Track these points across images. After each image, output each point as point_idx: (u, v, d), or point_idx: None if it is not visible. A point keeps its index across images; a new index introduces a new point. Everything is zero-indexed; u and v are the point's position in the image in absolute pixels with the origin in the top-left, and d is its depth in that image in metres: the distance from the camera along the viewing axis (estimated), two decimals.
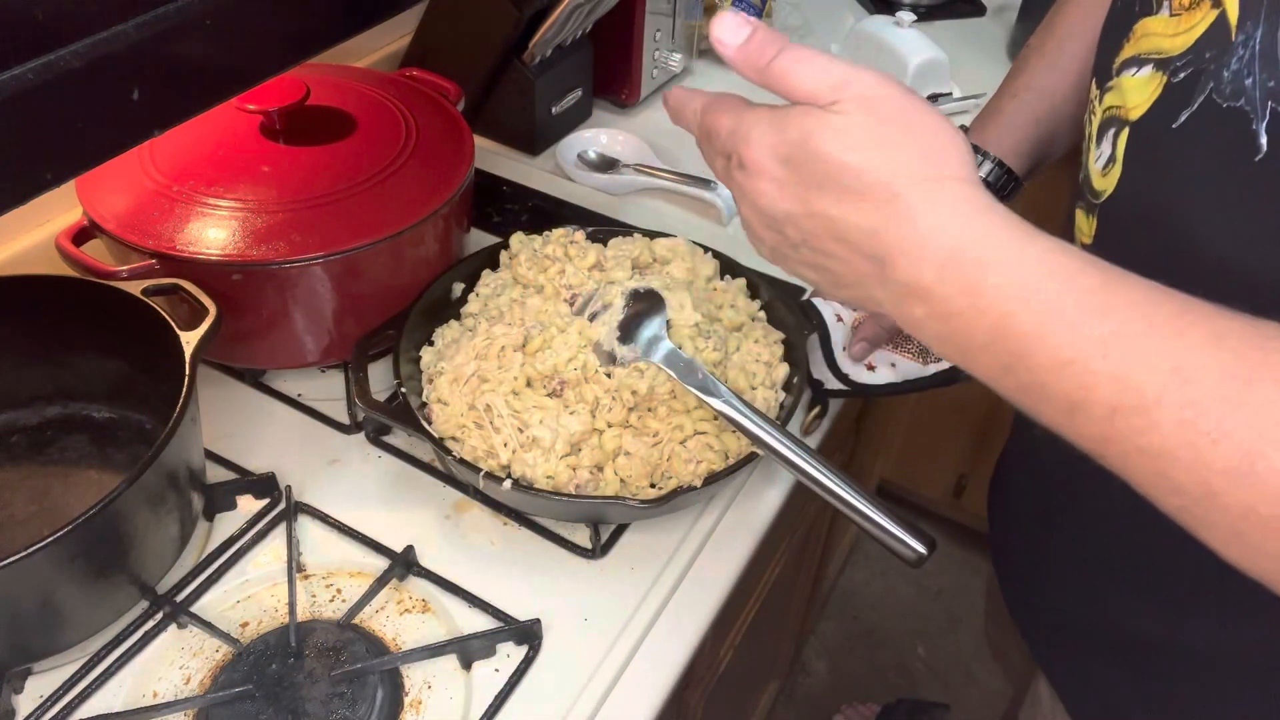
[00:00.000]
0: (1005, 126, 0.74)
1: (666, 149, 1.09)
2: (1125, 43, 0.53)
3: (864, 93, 0.42)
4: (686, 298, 0.73)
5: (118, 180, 0.74)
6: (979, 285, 0.39)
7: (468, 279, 0.81)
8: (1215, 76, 0.46)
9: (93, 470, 0.71)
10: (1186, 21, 0.48)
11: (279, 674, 0.61)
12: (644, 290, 0.68)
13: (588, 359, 0.69)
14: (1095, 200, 0.56)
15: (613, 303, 0.69)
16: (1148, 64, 0.51)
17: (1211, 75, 0.46)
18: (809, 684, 1.71)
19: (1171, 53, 0.49)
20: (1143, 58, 0.51)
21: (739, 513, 0.73)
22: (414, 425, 0.68)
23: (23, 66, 0.39)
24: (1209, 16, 0.46)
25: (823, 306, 0.81)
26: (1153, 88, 0.50)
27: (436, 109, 0.86)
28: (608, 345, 0.67)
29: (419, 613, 0.66)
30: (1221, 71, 0.45)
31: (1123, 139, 0.53)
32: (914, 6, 1.39)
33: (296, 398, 0.81)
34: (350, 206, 0.74)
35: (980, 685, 1.70)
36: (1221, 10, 0.45)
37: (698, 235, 0.85)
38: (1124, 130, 0.53)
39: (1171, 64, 0.49)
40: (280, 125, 0.80)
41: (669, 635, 0.66)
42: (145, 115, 0.46)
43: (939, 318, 0.41)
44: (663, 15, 1.12)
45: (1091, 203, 0.56)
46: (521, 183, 1.05)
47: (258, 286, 0.72)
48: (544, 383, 0.70)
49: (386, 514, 0.72)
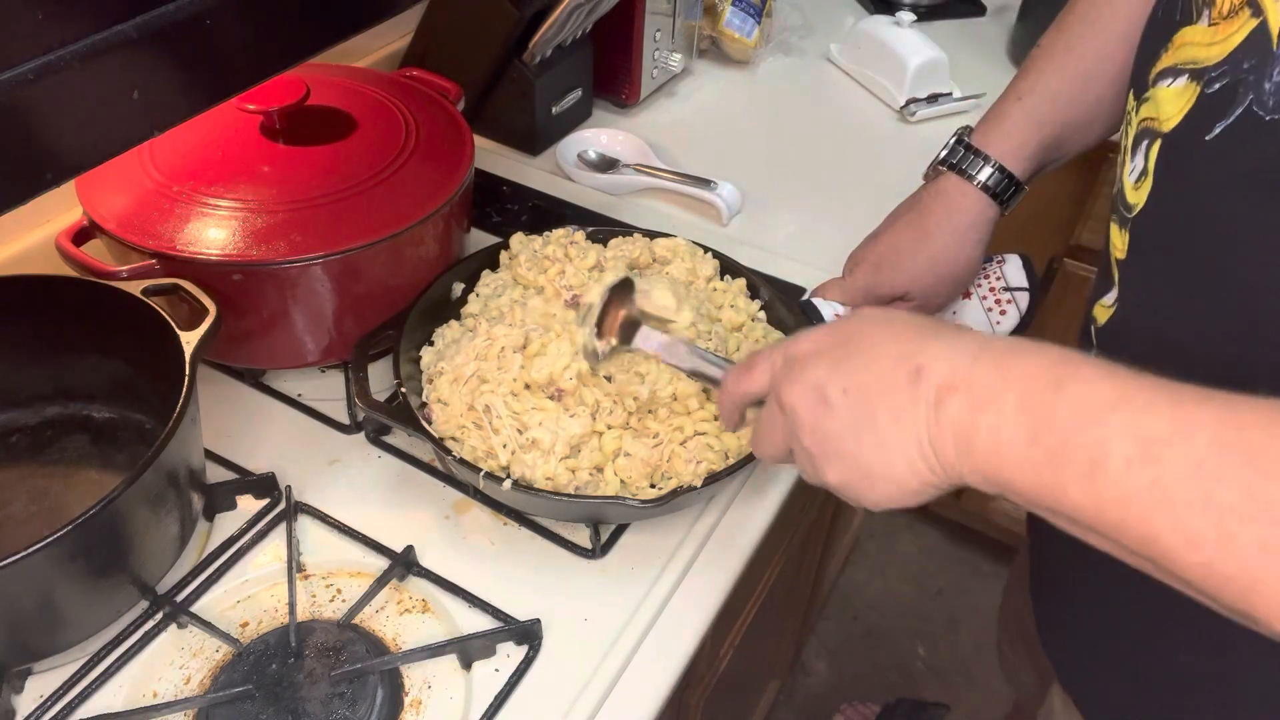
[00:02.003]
0: (1008, 130, 0.73)
1: (666, 149, 1.10)
2: (1163, 53, 0.52)
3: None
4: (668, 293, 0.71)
5: (118, 180, 0.74)
6: (1009, 360, 0.43)
7: (468, 279, 0.81)
8: (1255, 88, 0.44)
9: (93, 470, 0.71)
10: (1224, 31, 0.47)
11: (279, 674, 0.61)
12: (617, 282, 0.67)
13: (581, 366, 0.69)
14: (1128, 214, 0.55)
15: (593, 303, 0.68)
16: (1183, 74, 0.49)
17: (1251, 86, 0.45)
18: (809, 684, 1.71)
19: (1206, 63, 0.48)
20: (1179, 68, 0.50)
21: (739, 513, 0.73)
22: (414, 425, 0.68)
23: (23, 66, 0.39)
24: (1248, 25, 0.45)
25: (822, 306, 0.81)
26: (1186, 99, 0.49)
27: (436, 109, 0.86)
28: (590, 345, 0.67)
29: (419, 613, 0.66)
30: (1262, 83, 0.44)
31: (1154, 151, 0.52)
32: (914, 6, 1.39)
33: (296, 398, 0.81)
34: (350, 206, 0.74)
35: (980, 685, 1.70)
36: (1263, 19, 0.44)
37: (698, 235, 0.85)
38: (1156, 142, 0.51)
39: (1206, 74, 0.47)
40: (280, 125, 0.80)
41: (669, 635, 0.66)
42: (145, 115, 0.46)
43: (974, 407, 0.43)
44: (663, 15, 1.12)
45: (1125, 216, 0.55)
46: (521, 183, 1.05)
47: (258, 286, 0.72)
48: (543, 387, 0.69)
49: (386, 514, 0.72)
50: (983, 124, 0.75)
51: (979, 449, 0.43)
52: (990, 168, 0.73)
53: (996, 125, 0.74)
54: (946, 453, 0.44)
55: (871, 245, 0.80)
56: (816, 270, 0.92)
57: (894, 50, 1.20)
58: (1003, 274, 0.82)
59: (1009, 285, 0.81)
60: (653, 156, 1.07)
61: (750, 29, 1.23)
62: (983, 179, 0.73)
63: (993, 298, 0.81)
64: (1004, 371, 0.43)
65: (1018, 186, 0.74)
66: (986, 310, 0.81)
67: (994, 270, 0.82)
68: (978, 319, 0.82)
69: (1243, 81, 0.45)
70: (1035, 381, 0.42)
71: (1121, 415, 0.39)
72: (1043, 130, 0.73)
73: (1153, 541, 0.38)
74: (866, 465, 0.47)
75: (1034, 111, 0.73)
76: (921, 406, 0.45)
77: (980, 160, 0.73)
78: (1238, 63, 0.46)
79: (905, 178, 0.83)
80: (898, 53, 1.19)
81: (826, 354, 0.49)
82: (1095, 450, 0.39)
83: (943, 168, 0.75)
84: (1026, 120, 0.73)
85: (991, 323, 0.81)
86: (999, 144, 0.73)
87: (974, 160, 0.73)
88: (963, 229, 0.75)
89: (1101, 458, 0.38)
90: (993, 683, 1.69)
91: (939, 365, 0.45)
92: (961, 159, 0.74)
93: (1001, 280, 0.82)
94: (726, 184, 1.02)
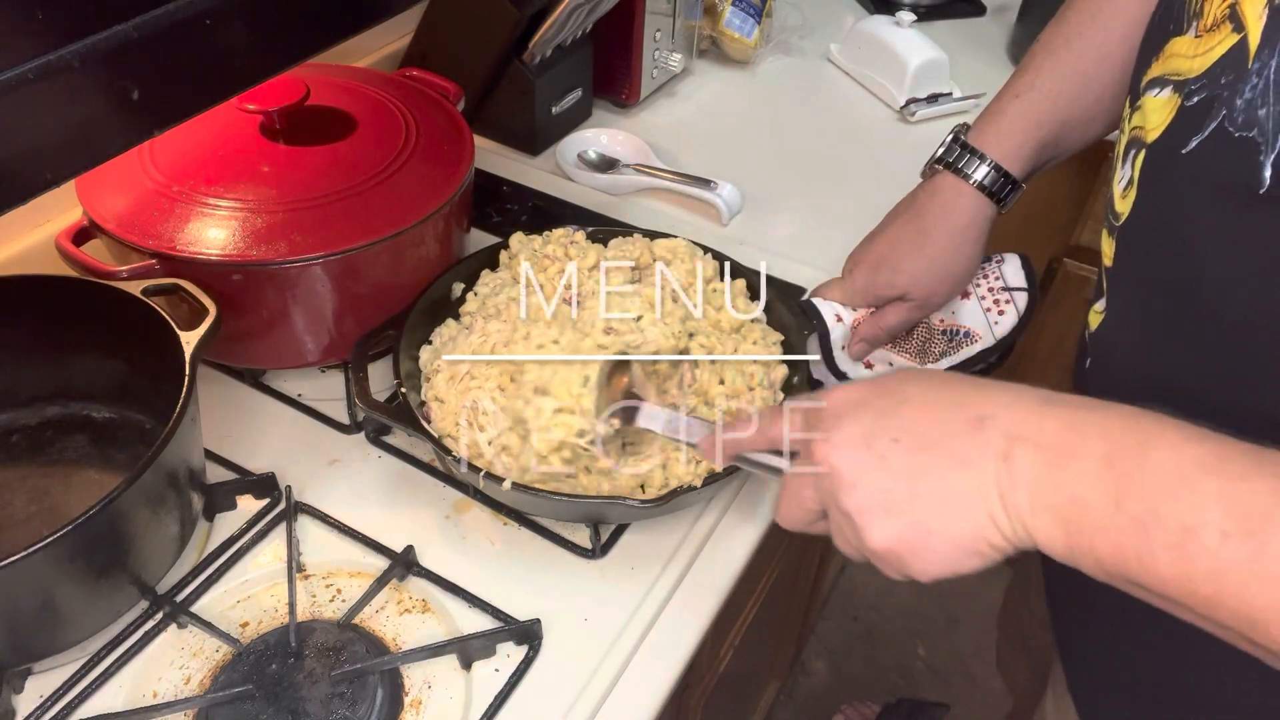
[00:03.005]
0: (1005, 129, 0.73)
1: (666, 149, 1.10)
2: (1154, 61, 0.52)
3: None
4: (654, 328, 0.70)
5: (118, 180, 0.74)
6: (1083, 414, 0.40)
7: (468, 279, 0.81)
8: (1228, 103, 0.44)
9: (93, 470, 0.71)
10: (1207, 43, 0.46)
11: (279, 674, 0.61)
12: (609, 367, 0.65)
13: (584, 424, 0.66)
14: (1115, 222, 0.55)
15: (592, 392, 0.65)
16: (1168, 85, 0.49)
17: (1225, 102, 0.44)
18: (809, 684, 1.71)
19: (1188, 75, 0.47)
20: (1165, 78, 0.50)
21: (739, 513, 0.73)
22: (414, 425, 0.68)
23: (23, 66, 0.39)
24: (1229, 40, 0.45)
25: (822, 306, 0.81)
26: (1169, 110, 0.49)
27: (436, 109, 0.86)
28: (593, 432, 0.64)
29: (419, 613, 0.66)
30: (1235, 99, 0.44)
31: (1139, 161, 0.52)
32: (914, 6, 1.39)
33: (296, 398, 0.81)
34: (350, 206, 0.74)
35: (980, 685, 1.70)
36: (1243, 35, 0.44)
37: (698, 235, 0.85)
38: (1141, 153, 0.51)
39: (1187, 87, 0.47)
40: (280, 125, 0.80)
41: (669, 635, 0.66)
42: (145, 115, 0.46)
43: (1050, 462, 0.40)
44: (663, 15, 1.12)
45: (1113, 225, 0.55)
46: (521, 183, 1.05)
47: (258, 286, 0.72)
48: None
49: (386, 514, 0.72)
50: (980, 122, 0.75)
51: (1057, 509, 0.40)
52: (987, 167, 0.73)
53: (993, 124, 0.74)
54: (1020, 509, 0.41)
55: (870, 245, 0.80)
56: (816, 270, 0.92)
57: (894, 50, 1.20)
58: (1001, 274, 0.82)
59: (1007, 285, 0.81)
60: (653, 156, 1.07)
61: (750, 29, 1.23)
62: (979, 178, 0.73)
63: (991, 298, 0.81)
64: (1079, 427, 0.40)
65: (1015, 185, 0.74)
66: (985, 310, 0.81)
67: (992, 270, 0.82)
68: (976, 319, 0.81)
69: (1219, 97, 0.45)
70: (1117, 441, 0.39)
71: (1215, 482, 0.36)
72: (1041, 129, 0.72)
73: (1250, 617, 0.36)
74: (923, 522, 0.43)
75: (1032, 110, 0.72)
76: (990, 456, 0.41)
77: (977, 159, 0.73)
78: (1216, 77, 0.45)
79: (905, 178, 0.83)
80: (898, 53, 1.19)
81: (870, 404, 0.45)
82: (1189, 519, 0.36)
83: (939, 166, 0.75)
84: (1024, 119, 0.73)
85: (990, 323, 0.81)
86: (996, 143, 0.73)
87: (970, 159, 0.73)
88: (960, 228, 0.75)
89: (1196, 527, 0.36)
90: (993, 683, 1.69)
91: (1004, 413, 0.41)
92: (958, 158, 0.74)
93: (1000, 280, 0.81)
94: (726, 184, 1.02)
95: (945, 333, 0.82)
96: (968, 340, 0.81)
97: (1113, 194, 0.55)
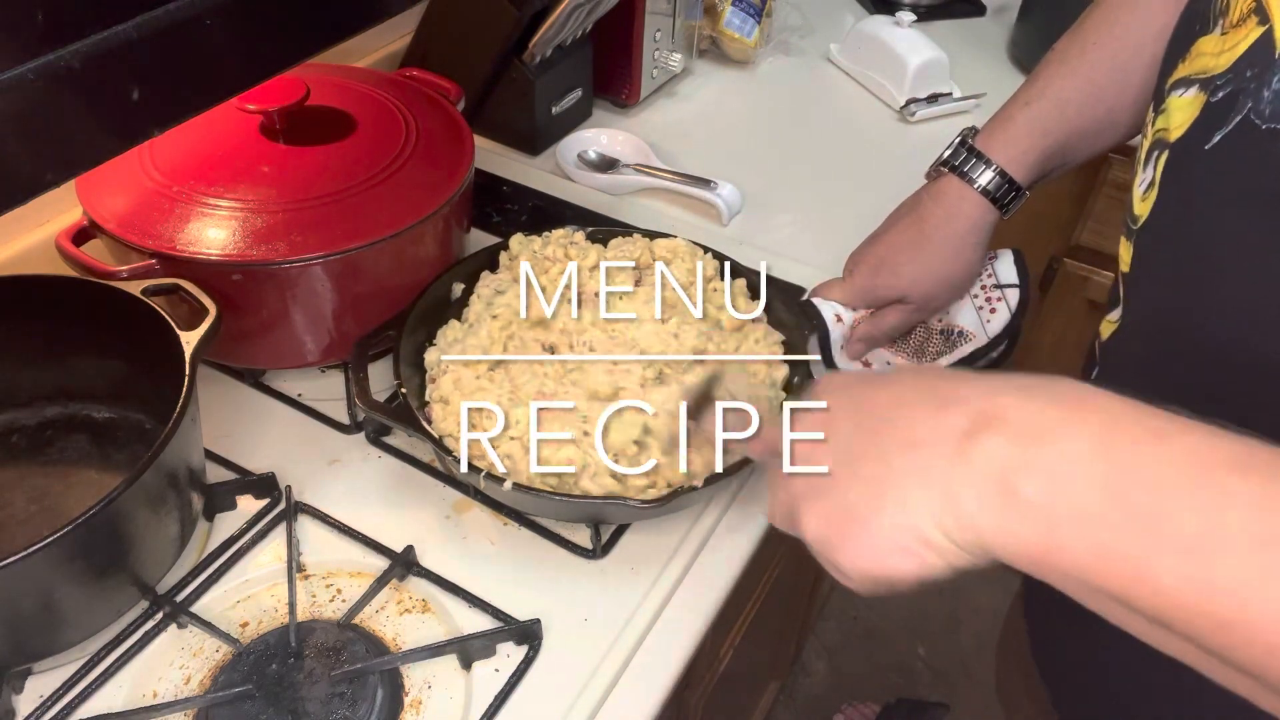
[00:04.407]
0: (1013, 135, 0.73)
1: (666, 149, 1.10)
2: (1180, 64, 0.51)
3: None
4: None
5: (118, 180, 0.74)
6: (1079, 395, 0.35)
7: (468, 279, 0.81)
8: (1255, 95, 0.43)
9: (93, 470, 0.71)
10: (1233, 39, 0.46)
11: (279, 674, 0.61)
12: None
13: None
14: (1134, 226, 0.54)
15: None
16: (1194, 84, 0.49)
17: (1251, 94, 0.43)
18: (809, 684, 1.71)
19: (1214, 71, 0.47)
20: (1191, 78, 0.49)
21: (739, 513, 0.73)
22: (414, 425, 0.68)
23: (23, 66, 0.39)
24: (1254, 33, 0.44)
25: (822, 306, 0.81)
26: (1194, 108, 0.48)
27: (436, 109, 0.86)
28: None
29: (419, 613, 0.66)
30: (1262, 90, 0.43)
31: (1162, 162, 0.51)
32: (914, 6, 1.39)
33: (296, 398, 0.81)
34: (350, 206, 0.74)
35: (980, 685, 1.70)
36: (1268, 27, 0.43)
37: (698, 235, 0.85)
38: (1164, 153, 0.51)
39: (1213, 83, 0.46)
40: (280, 125, 0.80)
41: (669, 635, 0.66)
42: (145, 115, 0.46)
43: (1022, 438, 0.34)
44: (663, 15, 1.12)
45: (1130, 228, 0.55)
46: (521, 183, 1.05)
47: (258, 286, 0.72)
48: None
49: (386, 514, 0.72)
50: (988, 127, 0.75)
51: (1024, 495, 0.33)
52: (992, 172, 0.72)
53: (1001, 130, 0.73)
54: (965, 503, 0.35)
55: (871, 246, 0.80)
56: (816, 270, 0.92)
57: (894, 50, 1.20)
58: (994, 270, 0.81)
59: (1000, 282, 0.80)
60: (653, 156, 1.07)
61: (750, 29, 1.23)
62: (983, 183, 0.73)
63: (984, 295, 0.81)
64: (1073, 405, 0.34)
65: (1019, 192, 0.73)
66: (977, 309, 0.81)
67: (986, 267, 0.81)
68: (970, 318, 0.81)
69: (1244, 89, 0.44)
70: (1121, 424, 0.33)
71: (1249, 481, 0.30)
72: (1048, 138, 0.72)
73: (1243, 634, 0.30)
74: (851, 506, 0.38)
75: (1041, 119, 0.72)
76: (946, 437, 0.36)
77: (982, 164, 0.73)
78: (1241, 71, 0.45)
79: (905, 178, 0.83)
80: (898, 53, 1.19)
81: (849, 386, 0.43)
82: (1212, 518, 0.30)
83: (944, 168, 0.75)
84: (1032, 127, 0.72)
85: (982, 321, 0.81)
86: (1003, 149, 0.73)
87: (976, 163, 0.73)
88: (961, 233, 0.75)
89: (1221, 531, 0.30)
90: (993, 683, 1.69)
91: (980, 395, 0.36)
92: (963, 161, 0.74)
93: (993, 277, 0.81)
94: (726, 184, 1.02)
95: (942, 332, 0.82)
96: (963, 339, 0.81)
97: (1132, 198, 0.54)
